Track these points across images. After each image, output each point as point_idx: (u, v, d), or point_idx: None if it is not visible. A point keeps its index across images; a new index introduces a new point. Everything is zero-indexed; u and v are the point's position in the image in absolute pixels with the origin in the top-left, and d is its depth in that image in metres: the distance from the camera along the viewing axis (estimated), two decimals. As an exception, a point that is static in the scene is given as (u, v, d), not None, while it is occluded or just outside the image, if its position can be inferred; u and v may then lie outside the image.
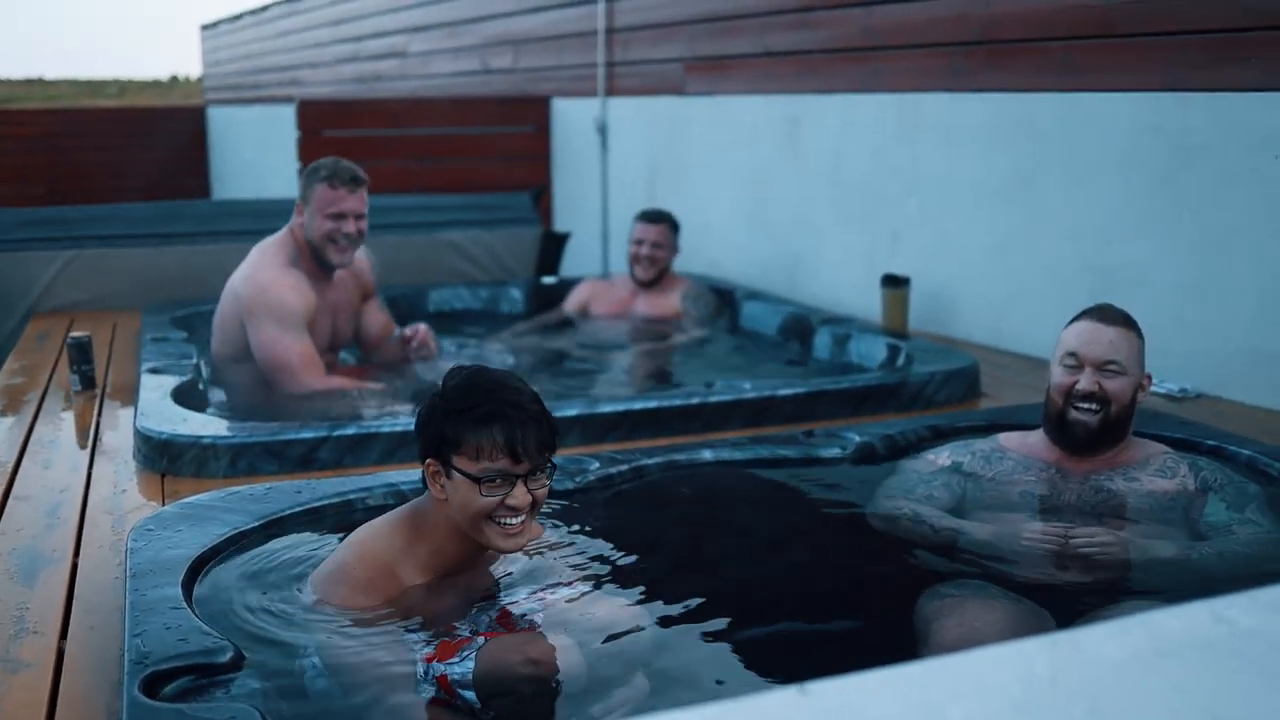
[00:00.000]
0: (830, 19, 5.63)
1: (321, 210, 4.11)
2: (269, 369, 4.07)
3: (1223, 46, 3.94)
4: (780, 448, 3.27)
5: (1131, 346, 2.81)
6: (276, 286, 4.08)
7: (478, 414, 2.17)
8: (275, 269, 4.14)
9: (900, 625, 2.45)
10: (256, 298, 4.08)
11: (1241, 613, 1.13)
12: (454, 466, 2.19)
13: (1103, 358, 2.78)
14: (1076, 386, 2.79)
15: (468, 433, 2.17)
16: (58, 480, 3.21)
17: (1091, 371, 2.78)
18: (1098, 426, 2.78)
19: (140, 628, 2.08)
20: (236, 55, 16.12)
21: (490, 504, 2.19)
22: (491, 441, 2.16)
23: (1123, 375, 2.78)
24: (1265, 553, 2.59)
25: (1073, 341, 2.83)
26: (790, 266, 5.91)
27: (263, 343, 4.06)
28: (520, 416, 2.18)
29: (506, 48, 8.65)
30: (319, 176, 4.15)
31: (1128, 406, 2.80)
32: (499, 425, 2.16)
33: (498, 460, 2.17)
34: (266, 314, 4.05)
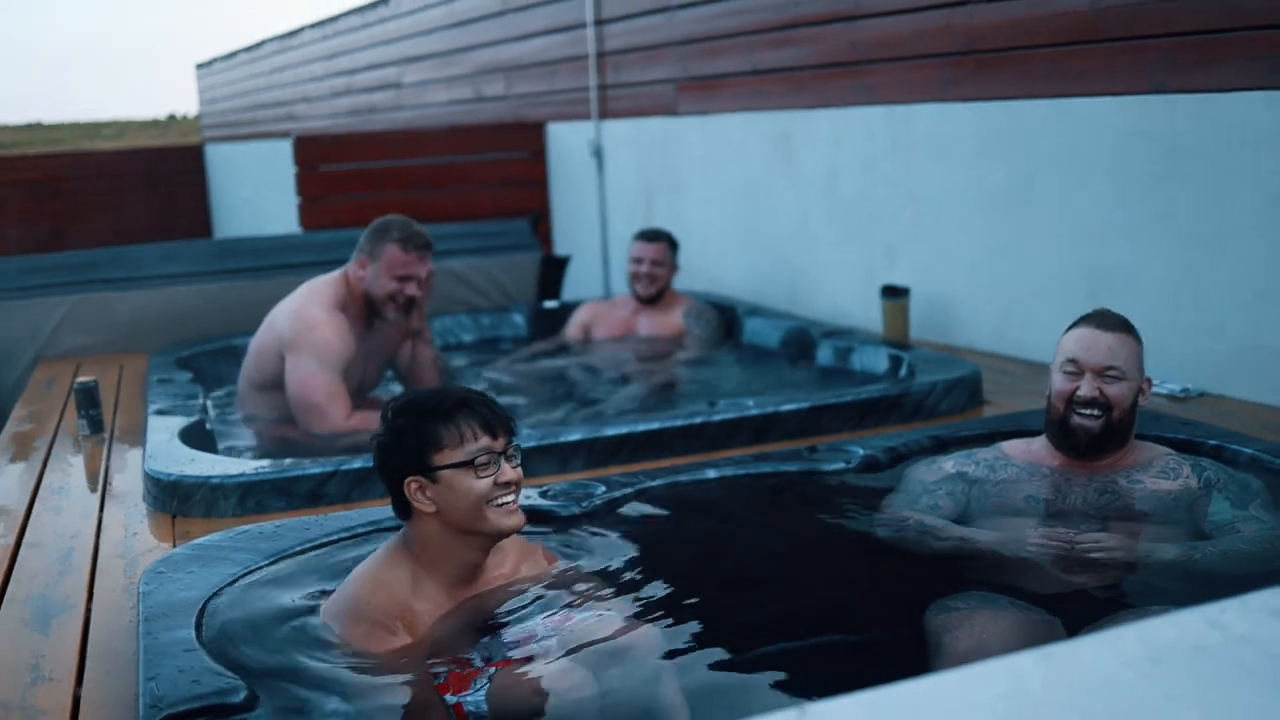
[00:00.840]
0: (817, 35, 5.67)
1: (390, 270, 4.18)
2: (298, 404, 4.11)
3: (1205, 48, 3.97)
4: (784, 464, 3.29)
5: (1130, 351, 2.83)
6: (323, 326, 4.14)
7: (443, 408, 2.32)
8: (323, 309, 4.19)
9: (911, 639, 2.46)
10: (302, 333, 4.13)
11: (1236, 618, 1.14)
12: (438, 466, 2.29)
13: (1102, 363, 2.80)
14: (1078, 393, 2.80)
15: (442, 426, 2.30)
16: (69, 526, 3.24)
17: (1092, 377, 2.80)
18: (1100, 431, 2.80)
19: (154, 671, 2.10)
20: (232, 92, 16.20)
21: (486, 485, 2.30)
22: (468, 424, 2.30)
23: (1123, 380, 2.80)
24: (1271, 549, 2.59)
25: (1072, 348, 2.85)
26: (790, 281, 5.93)
27: (299, 378, 4.10)
28: (480, 399, 2.36)
29: (499, 75, 8.70)
30: (391, 237, 4.20)
31: (1129, 411, 2.82)
32: (466, 410, 2.32)
33: (480, 439, 2.30)
34: (309, 350, 4.10)
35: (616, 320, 5.51)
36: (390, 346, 4.49)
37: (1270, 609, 1.16)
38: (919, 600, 2.54)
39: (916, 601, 2.54)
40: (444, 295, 6.18)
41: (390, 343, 4.47)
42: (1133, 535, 2.67)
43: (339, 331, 4.16)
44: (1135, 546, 2.61)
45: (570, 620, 2.35)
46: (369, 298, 4.22)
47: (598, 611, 2.41)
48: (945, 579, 2.64)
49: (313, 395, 4.08)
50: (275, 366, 4.21)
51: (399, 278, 4.19)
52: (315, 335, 4.12)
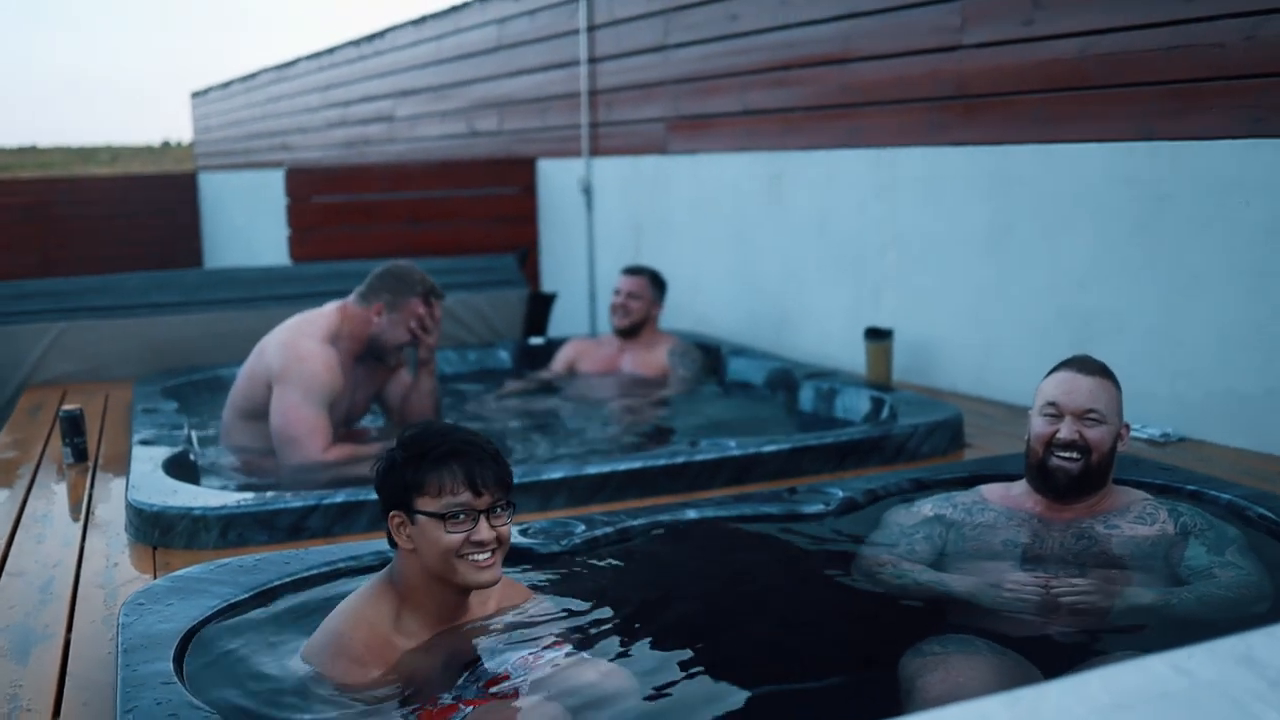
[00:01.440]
0: (808, 77, 5.73)
1: (408, 321, 4.31)
2: (278, 435, 4.13)
3: (1189, 96, 4.02)
4: (763, 505, 3.30)
5: (1110, 396, 2.86)
6: (314, 359, 4.17)
7: (436, 454, 2.28)
8: (315, 342, 4.22)
9: (885, 682, 2.47)
10: (292, 364, 4.15)
11: (1200, 664, 1.16)
12: (417, 510, 2.28)
13: (1082, 407, 2.83)
14: (1057, 435, 2.84)
15: (428, 473, 2.28)
16: (50, 555, 3.23)
17: (1072, 420, 2.83)
18: (1079, 474, 2.83)
19: (132, 703, 2.10)
20: (227, 121, 16.25)
21: (456, 540, 2.27)
22: (452, 477, 2.27)
23: (1102, 424, 2.83)
24: (1246, 595, 2.61)
25: (1052, 391, 2.88)
26: (777, 321, 5.96)
27: (284, 409, 4.11)
28: (477, 453, 2.30)
29: (492, 110, 8.76)
30: (416, 291, 4.30)
31: (1108, 455, 2.85)
32: (456, 462, 2.28)
33: (459, 494, 2.27)
34: (297, 381, 4.12)
35: (601, 358, 5.53)
36: (378, 380, 4.51)
37: (1236, 656, 1.18)
38: (895, 643, 2.55)
39: (893, 644, 2.55)
40: (431, 329, 6.19)
41: (379, 377, 4.50)
42: (1109, 580, 2.69)
43: (328, 365, 4.18)
44: (1111, 592, 2.63)
45: (547, 660, 2.35)
46: (376, 341, 4.30)
47: (574, 651, 2.42)
48: (921, 622, 2.65)
49: (294, 427, 4.10)
50: (263, 395, 4.22)
51: (418, 330, 4.32)
52: (304, 367, 4.14)
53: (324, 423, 4.14)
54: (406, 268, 4.38)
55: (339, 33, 13.08)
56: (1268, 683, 1.12)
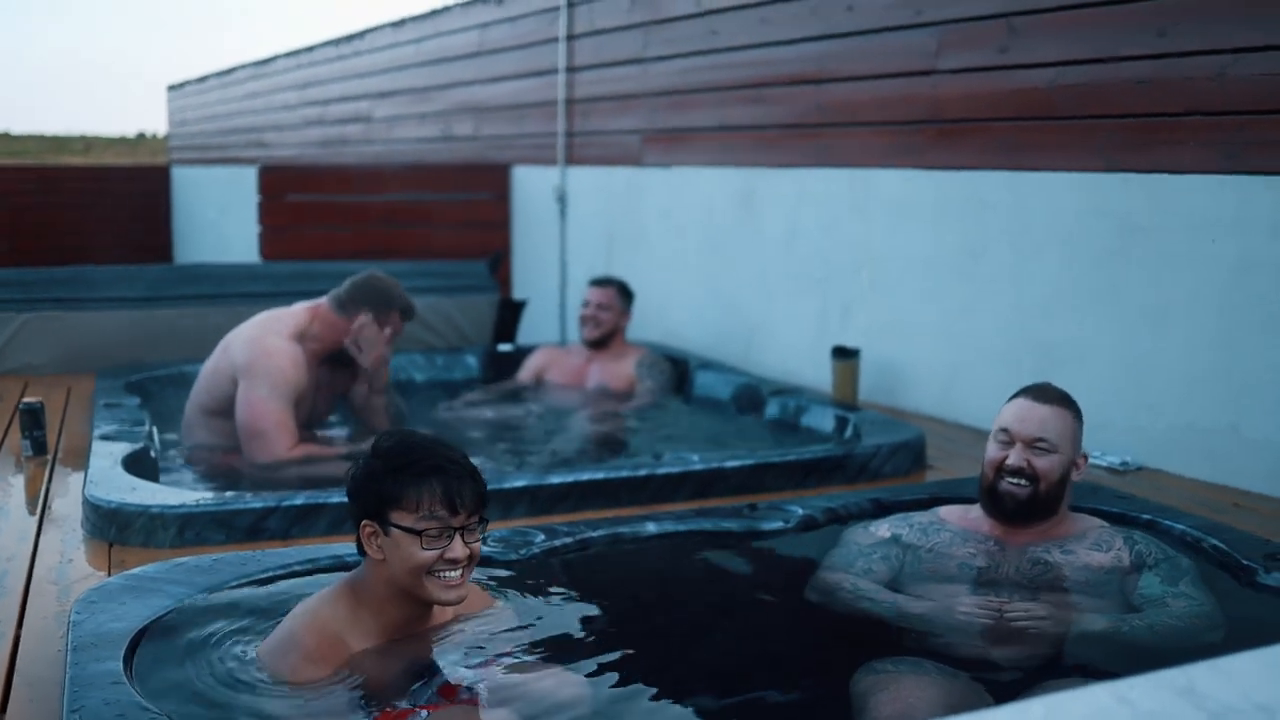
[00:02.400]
0: (784, 95, 5.75)
1: (389, 337, 4.40)
2: (245, 430, 4.13)
3: (1160, 130, 4.06)
4: (723, 520, 3.31)
5: (1064, 425, 2.88)
6: (280, 356, 4.18)
7: (417, 469, 2.26)
8: (282, 339, 4.24)
9: (837, 699, 2.48)
10: (259, 360, 4.16)
11: (1142, 695, 1.17)
12: (392, 523, 2.26)
13: (1033, 435, 2.85)
14: (1006, 461, 2.87)
15: (407, 487, 2.25)
16: (4, 548, 3.21)
17: (1022, 448, 2.86)
18: (1026, 499, 2.85)
19: (79, 703, 2.09)
20: (202, 116, 16.17)
21: (430, 557, 2.25)
22: (431, 494, 2.25)
23: (1052, 453, 2.85)
24: (1197, 625, 2.64)
25: (1006, 418, 2.92)
26: (746, 336, 5.98)
27: (249, 404, 4.12)
28: (456, 471, 2.29)
29: (469, 115, 8.75)
30: (397, 306, 4.39)
31: (1058, 484, 2.87)
32: (437, 478, 2.26)
33: (436, 512, 2.25)
34: (263, 378, 4.13)
35: (570, 367, 5.53)
36: (344, 383, 4.52)
37: (1178, 688, 1.19)
38: (849, 662, 2.56)
39: (846, 663, 2.56)
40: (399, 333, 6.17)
41: (344, 380, 4.51)
42: (1062, 606, 2.71)
43: (295, 362, 4.20)
44: (1064, 617, 2.65)
45: (503, 666, 2.36)
46: (348, 351, 4.34)
47: (531, 658, 2.42)
48: (875, 642, 2.66)
49: (260, 421, 4.10)
50: (227, 391, 4.21)
51: (391, 339, 4.41)
52: (271, 363, 4.15)
53: (289, 419, 4.14)
54: (388, 284, 4.42)
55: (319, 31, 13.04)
56: (1208, 714, 1.13)
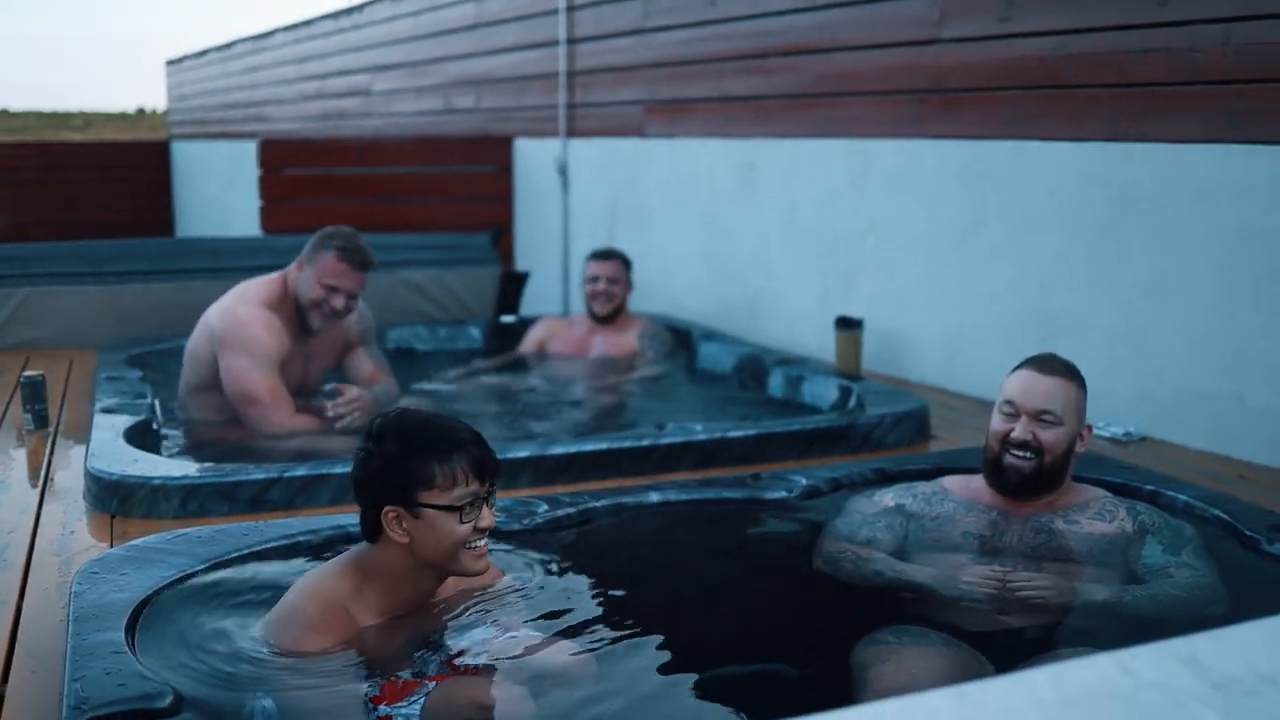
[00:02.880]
0: (786, 65, 5.72)
1: (320, 278, 4.16)
2: (238, 402, 4.11)
3: (1163, 99, 4.04)
4: (726, 490, 3.31)
5: (1069, 397, 2.86)
6: (253, 323, 4.13)
7: (440, 447, 2.26)
8: (254, 307, 4.18)
9: (841, 670, 2.48)
10: (232, 330, 4.12)
11: (1145, 664, 1.16)
12: (422, 504, 2.24)
13: (1038, 407, 2.83)
14: (1012, 434, 2.84)
15: (435, 465, 2.25)
16: (6, 520, 3.20)
17: (1027, 420, 2.83)
18: (1030, 473, 2.83)
19: (80, 672, 2.09)
20: (202, 90, 16.11)
21: (467, 531, 2.27)
22: (463, 468, 2.25)
23: (1058, 426, 2.83)
24: (1200, 596, 2.63)
25: (1011, 389, 2.89)
26: (748, 307, 5.96)
27: (234, 376, 4.09)
28: (474, 439, 2.30)
29: (469, 88, 8.71)
30: (332, 245, 4.19)
31: (1063, 456, 2.85)
32: (462, 452, 2.26)
33: (470, 485, 2.26)
34: (240, 348, 4.09)
35: (572, 338, 5.52)
36: (334, 351, 4.46)
37: (1181, 657, 1.18)
38: (851, 632, 2.56)
39: (849, 633, 2.56)
40: (402, 306, 6.17)
41: (333, 348, 4.45)
42: (1066, 576, 2.70)
43: (269, 328, 4.14)
44: (1067, 587, 2.64)
45: (509, 638, 2.36)
46: (298, 300, 4.21)
47: (535, 630, 2.42)
48: (878, 612, 2.66)
49: (253, 391, 4.07)
50: (209, 367, 4.19)
51: (328, 286, 4.16)
52: (245, 332, 4.11)
53: (279, 384, 4.10)
54: (338, 227, 4.29)
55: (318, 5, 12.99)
56: (1210, 685, 1.13)
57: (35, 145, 16.88)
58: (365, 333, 4.59)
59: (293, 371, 4.25)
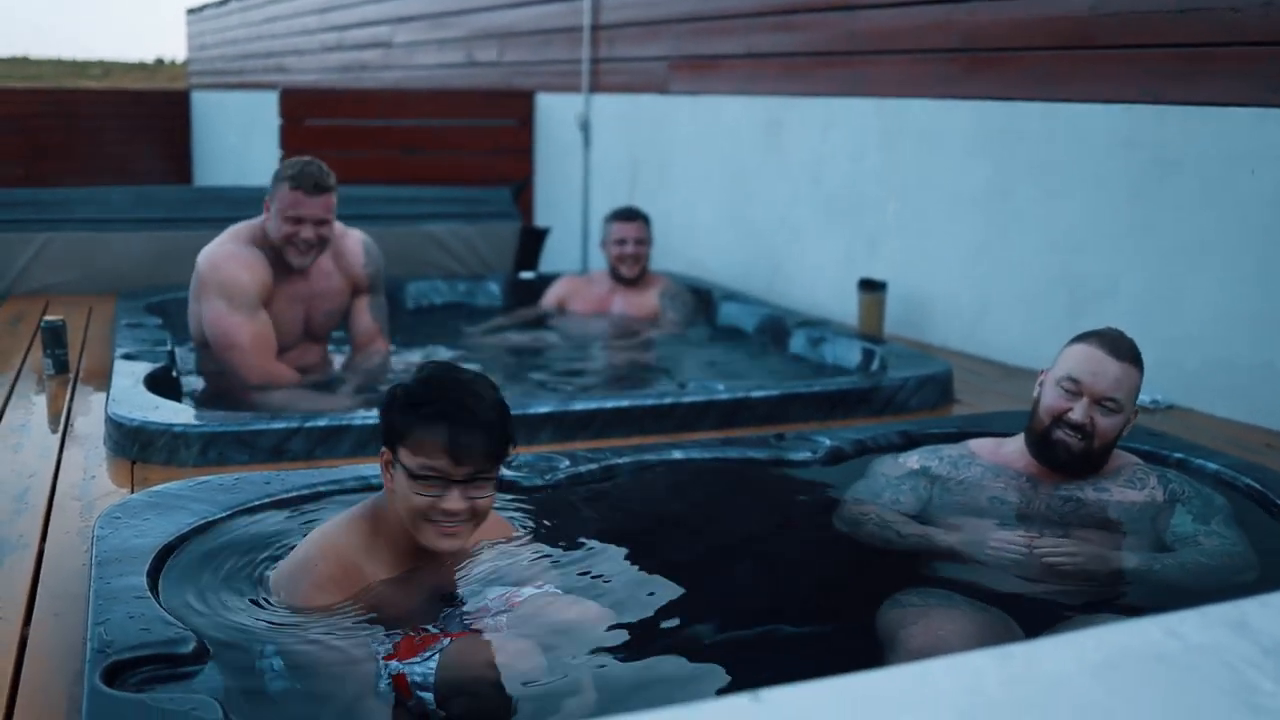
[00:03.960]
0: (814, 22, 5.65)
1: (281, 212, 4.01)
2: (218, 347, 4.01)
3: (1199, 60, 3.97)
4: (750, 449, 3.28)
5: (1132, 384, 2.76)
6: (228, 263, 4.01)
7: (428, 410, 2.19)
8: (233, 245, 4.06)
9: (864, 631, 2.46)
10: (208, 274, 4.02)
11: (1193, 628, 1.14)
12: (399, 459, 2.21)
13: (1104, 393, 2.71)
14: (1069, 414, 2.72)
15: (414, 427, 2.19)
16: (27, 465, 3.20)
17: (1088, 403, 2.71)
18: (1080, 452, 2.75)
19: (103, 616, 2.07)
20: (222, 40, 16.05)
21: (423, 503, 2.20)
22: (433, 441, 2.17)
23: (1117, 413, 2.73)
24: (1229, 564, 2.60)
25: (1078, 367, 2.74)
26: (770, 267, 5.92)
27: (211, 320, 3.99)
28: (469, 420, 2.18)
29: (492, 41, 8.64)
30: (284, 175, 4.05)
31: (1113, 443, 2.78)
32: (444, 425, 2.17)
33: (436, 460, 2.17)
34: (216, 289, 3.98)
35: (592, 296, 5.49)
36: (340, 293, 4.31)
37: (1229, 621, 1.16)
38: (875, 594, 2.53)
39: (872, 595, 2.54)
40: (421, 259, 6.15)
41: (340, 290, 4.30)
42: (1094, 542, 2.67)
43: (248, 267, 4.01)
44: (1096, 554, 2.61)
45: (526, 595, 2.33)
46: (273, 244, 4.07)
47: (554, 588, 2.39)
48: (902, 574, 2.64)
49: (229, 335, 3.96)
50: (197, 317, 4.11)
51: (291, 219, 4.01)
52: (220, 274, 3.99)
53: (262, 328, 3.98)
54: (289, 160, 4.14)
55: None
56: (1261, 650, 1.11)
57: (54, 92, 16.85)
58: (374, 276, 4.40)
59: (290, 316, 4.14)
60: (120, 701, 1.82)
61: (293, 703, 2.04)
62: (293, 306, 4.16)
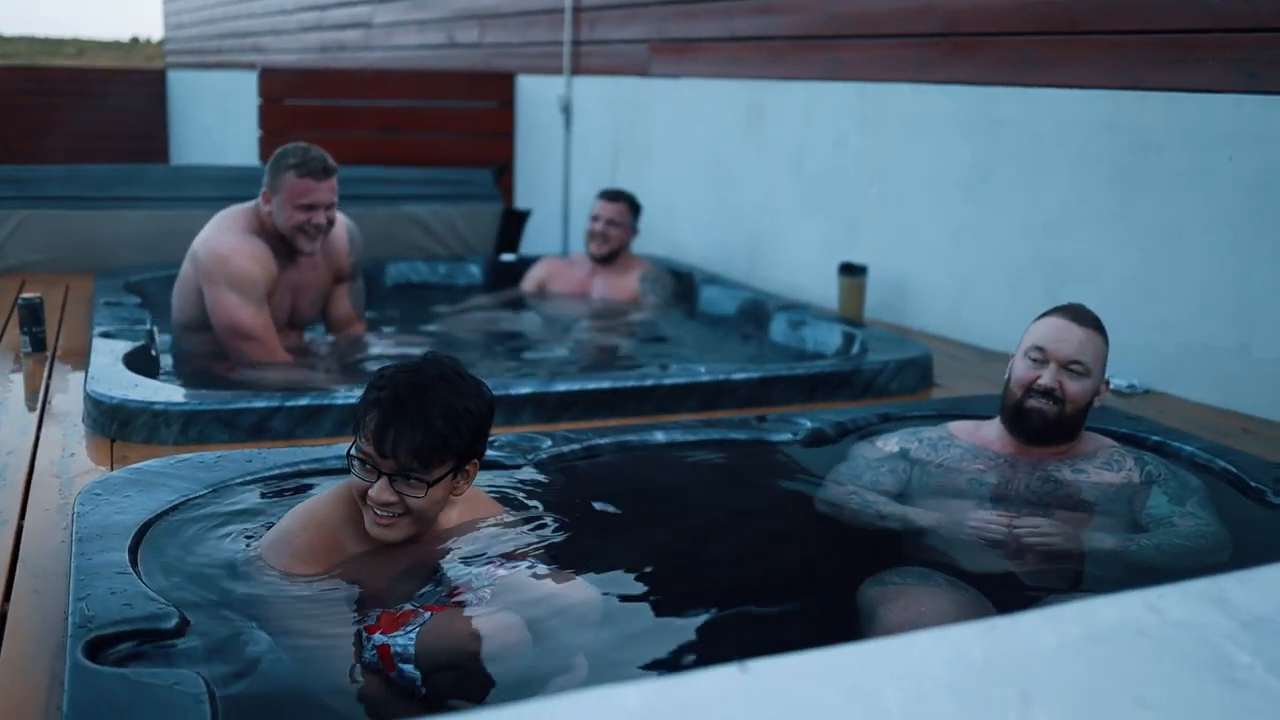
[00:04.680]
0: (795, 5, 5.65)
1: (291, 201, 4.03)
2: (226, 336, 4.04)
3: (1181, 47, 3.99)
4: (732, 431, 3.29)
5: (1097, 350, 2.84)
6: (237, 255, 4.03)
7: (369, 395, 2.23)
8: (237, 236, 4.07)
9: (844, 609, 2.48)
10: (216, 265, 4.03)
11: (1173, 604, 1.16)
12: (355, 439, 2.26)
13: (1069, 357, 2.80)
14: (1038, 381, 2.80)
15: (360, 410, 2.24)
16: (5, 442, 3.18)
17: (1056, 369, 2.80)
18: (1053, 418, 2.81)
19: (85, 591, 2.07)
20: (199, 19, 15.92)
21: (359, 486, 2.24)
22: (364, 426, 2.21)
23: (1085, 377, 2.81)
24: (1203, 545, 2.63)
25: (1041, 336, 2.84)
26: (751, 251, 5.93)
27: (221, 310, 4.01)
28: (399, 413, 2.18)
29: (473, 22, 8.60)
30: (287, 164, 4.04)
31: (1083, 409, 2.84)
32: (376, 412, 2.19)
33: (366, 444, 2.21)
34: (225, 281, 4.00)
35: (573, 279, 5.49)
36: (324, 283, 4.35)
37: (1208, 597, 1.18)
38: (855, 573, 2.55)
39: (853, 574, 2.56)
40: (402, 240, 6.13)
41: (323, 279, 4.34)
42: (1072, 523, 2.70)
43: (255, 259, 4.04)
44: (1073, 534, 2.64)
45: (508, 570, 2.34)
46: (280, 233, 4.10)
47: (536, 563, 2.40)
48: (881, 554, 2.66)
49: (241, 326, 4.00)
50: (196, 304, 4.11)
51: (303, 206, 4.04)
52: (230, 265, 4.01)
53: (267, 318, 4.03)
54: (286, 146, 4.14)
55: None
56: (1239, 624, 1.12)
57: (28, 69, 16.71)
58: (355, 265, 4.47)
59: (281, 304, 4.17)
60: (103, 676, 1.82)
61: (276, 675, 2.04)
62: (284, 296, 4.19)
